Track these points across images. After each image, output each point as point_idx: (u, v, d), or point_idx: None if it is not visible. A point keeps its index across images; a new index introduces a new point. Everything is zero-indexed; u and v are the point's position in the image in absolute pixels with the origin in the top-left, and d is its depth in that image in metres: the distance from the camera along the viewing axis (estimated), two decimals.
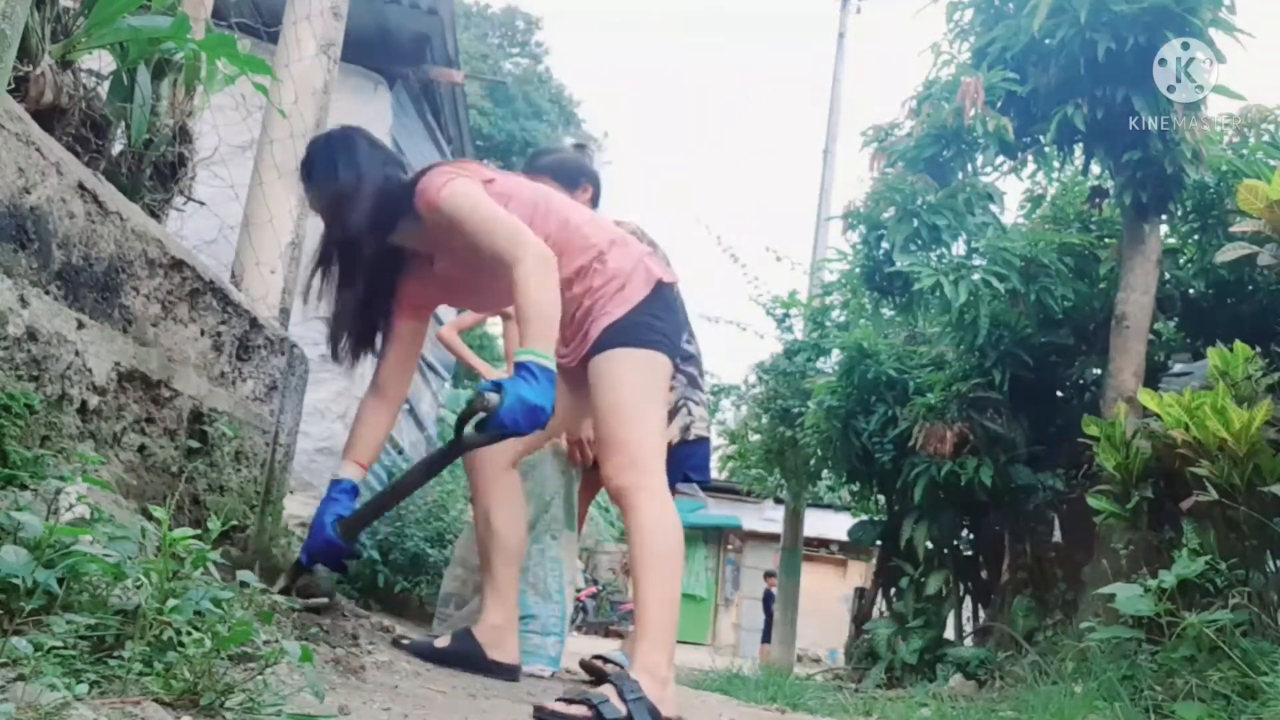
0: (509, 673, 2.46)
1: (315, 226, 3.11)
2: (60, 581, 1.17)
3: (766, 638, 12.54)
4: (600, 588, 18.24)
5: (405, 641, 2.58)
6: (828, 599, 15.75)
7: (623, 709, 1.81)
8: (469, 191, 2.13)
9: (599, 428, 2.20)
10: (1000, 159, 5.53)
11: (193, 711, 1.13)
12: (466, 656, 2.44)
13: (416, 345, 2.47)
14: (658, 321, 2.24)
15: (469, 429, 2.00)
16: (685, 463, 3.08)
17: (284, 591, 2.23)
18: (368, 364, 2.43)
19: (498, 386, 1.90)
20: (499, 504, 2.51)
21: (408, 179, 2.25)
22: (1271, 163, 5.30)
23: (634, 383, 2.17)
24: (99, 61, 2.06)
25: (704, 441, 3.56)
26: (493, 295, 2.50)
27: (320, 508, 2.27)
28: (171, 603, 1.23)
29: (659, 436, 2.22)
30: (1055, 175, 6.33)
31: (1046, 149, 5.65)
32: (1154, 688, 3.08)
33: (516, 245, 2.04)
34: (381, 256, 2.25)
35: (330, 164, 2.26)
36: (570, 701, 1.84)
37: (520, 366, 1.92)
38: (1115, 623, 3.52)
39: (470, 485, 2.60)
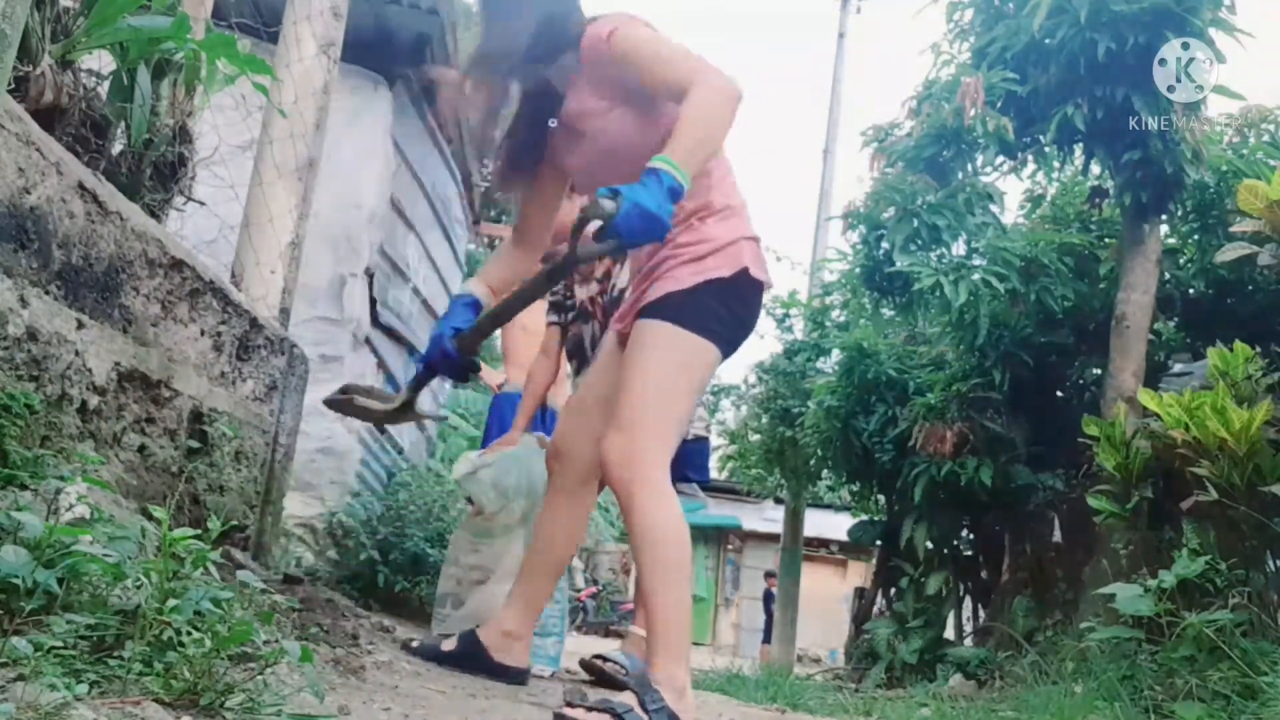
0: (517, 676, 2.43)
1: (315, 227, 3.10)
2: (60, 581, 1.17)
3: (767, 638, 12.53)
4: (600, 588, 18.22)
5: (414, 644, 2.56)
6: (828, 599, 15.77)
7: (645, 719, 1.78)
8: (641, 31, 1.98)
9: (618, 397, 1.99)
10: (1000, 159, 5.53)
11: (193, 711, 1.13)
12: (472, 659, 2.41)
13: (555, 204, 2.35)
14: (725, 312, 2.02)
15: (586, 241, 1.82)
16: (684, 462, 3.08)
17: (405, 405, 2.26)
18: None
19: (615, 193, 1.73)
20: (564, 520, 2.41)
21: (574, 17, 2.10)
22: (1271, 163, 5.29)
23: (675, 366, 1.98)
24: (99, 61, 2.07)
25: (703, 441, 3.57)
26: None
27: (440, 320, 2.21)
28: (171, 603, 1.23)
29: (677, 434, 2.03)
30: (1055, 175, 6.33)
31: (1046, 149, 5.64)
32: (1154, 688, 3.08)
33: (699, 73, 1.88)
34: (536, 84, 2.13)
35: None
36: (592, 709, 1.80)
37: (650, 172, 1.76)
38: (1115, 623, 3.52)
39: (546, 492, 2.49)
